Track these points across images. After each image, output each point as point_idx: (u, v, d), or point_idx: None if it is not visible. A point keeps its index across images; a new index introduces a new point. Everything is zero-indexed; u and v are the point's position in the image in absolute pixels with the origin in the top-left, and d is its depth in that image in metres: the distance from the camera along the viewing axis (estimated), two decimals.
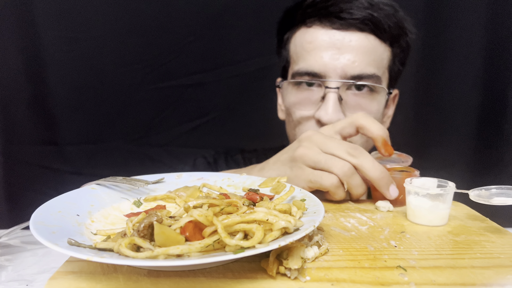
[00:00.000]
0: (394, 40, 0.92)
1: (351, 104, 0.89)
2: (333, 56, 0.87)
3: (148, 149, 1.35)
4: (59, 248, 0.40)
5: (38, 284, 0.54)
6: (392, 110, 1.04)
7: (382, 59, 0.90)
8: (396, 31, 0.91)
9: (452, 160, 1.30)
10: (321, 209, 0.53)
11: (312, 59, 0.89)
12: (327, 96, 0.87)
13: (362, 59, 0.87)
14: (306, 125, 0.92)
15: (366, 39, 0.88)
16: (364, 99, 0.90)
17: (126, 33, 1.25)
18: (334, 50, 0.87)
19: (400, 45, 0.94)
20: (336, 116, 0.86)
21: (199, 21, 1.27)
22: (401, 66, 0.98)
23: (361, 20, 0.86)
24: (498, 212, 0.68)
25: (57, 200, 0.56)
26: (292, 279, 0.44)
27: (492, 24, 1.24)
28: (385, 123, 1.03)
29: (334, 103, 0.86)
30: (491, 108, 1.29)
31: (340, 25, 0.87)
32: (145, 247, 0.43)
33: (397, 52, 0.94)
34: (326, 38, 0.88)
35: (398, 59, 0.95)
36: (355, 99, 0.89)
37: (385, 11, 0.89)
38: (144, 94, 1.30)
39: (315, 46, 0.89)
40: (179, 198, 0.63)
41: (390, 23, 0.89)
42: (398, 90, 1.03)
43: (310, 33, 0.91)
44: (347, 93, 0.89)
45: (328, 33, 0.89)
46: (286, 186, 0.64)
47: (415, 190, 0.62)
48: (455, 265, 0.48)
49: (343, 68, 0.87)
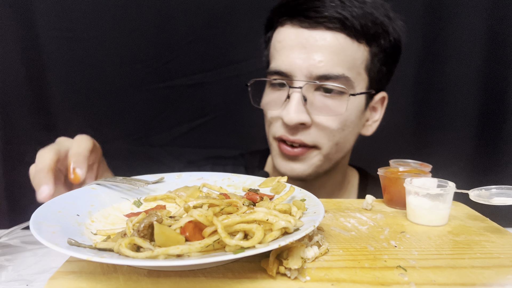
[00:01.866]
0: (371, 40, 0.87)
1: (317, 106, 0.86)
2: (299, 55, 0.85)
3: (148, 149, 1.35)
4: (59, 248, 0.40)
5: (38, 284, 0.54)
6: (380, 114, 0.99)
7: (354, 59, 0.86)
8: (374, 29, 0.86)
9: (452, 160, 1.30)
10: (321, 209, 0.53)
11: (281, 58, 0.88)
12: (291, 96, 0.85)
13: (330, 59, 0.84)
14: (275, 125, 0.90)
15: (334, 38, 0.84)
16: (332, 101, 0.86)
17: (126, 33, 1.25)
18: (301, 49, 0.85)
19: (379, 44, 0.89)
20: (297, 117, 0.83)
21: (199, 21, 1.27)
22: (384, 66, 0.92)
23: (328, 19, 0.83)
24: (498, 212, 0.68)
25: (57, 200, 0.56)
26: (292, 279, 0.44)
27: (492, 24, 1.24)
28: (370, 127, 0.99)
29: (296, 103, 0.84)
30: (491, 108, 1.29)
31: (308, 24, 0.85)
32: (145, 247, 0.43)
33: (376, 52, 0.89)
34: (294, 37, 0.86)
35: (378, 59, 0.90)
36: (322, 100, 0.86)
37: (359, 9, 0.84)
38: (144, 94, 1.30)
39: (284, 46, 0.88)
40: (179, 198, 0.63)
41: (363, 22, 0.85)
42: (387, 93, 0.98)
43: (281, 33, 0.90)
44: (314, 94, 0.87)
45: (296, 32, 0.86)
46: (286, 186, 0.64)
47: (415, 190, 0.62)
48: (455, 265, 0.48)
49: (309, 67, 0.84)
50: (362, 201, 0.71)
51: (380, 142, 1.00)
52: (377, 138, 1.02)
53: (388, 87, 0.99)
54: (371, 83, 0.92)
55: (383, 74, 0.94)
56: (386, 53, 0.91)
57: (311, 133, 0.87)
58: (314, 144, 0.88)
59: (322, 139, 0.88)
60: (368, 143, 1.02)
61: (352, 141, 0.95)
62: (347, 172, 1.07)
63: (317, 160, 0.90)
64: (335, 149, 0.90)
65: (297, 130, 0.87)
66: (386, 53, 0.91)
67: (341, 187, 1.06)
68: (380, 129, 1.00)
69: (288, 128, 0.87)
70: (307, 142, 0.87)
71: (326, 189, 1.01)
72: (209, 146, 1.33)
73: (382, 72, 0.93)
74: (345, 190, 1.07)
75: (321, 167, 0.92)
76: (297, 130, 0.87)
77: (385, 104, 0.99)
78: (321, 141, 0.88)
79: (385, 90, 0.98)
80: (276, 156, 0.94)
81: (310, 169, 0.91)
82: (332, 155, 0.91)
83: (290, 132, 0.87)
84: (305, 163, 0.90)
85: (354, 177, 1.10)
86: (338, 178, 1.03)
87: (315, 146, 0.88)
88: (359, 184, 1.09)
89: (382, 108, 0.99)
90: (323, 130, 0.87)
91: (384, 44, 0.90)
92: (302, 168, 0.90)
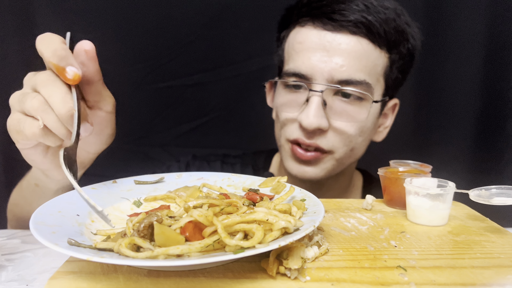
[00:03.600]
0: (392, 46, 0.87)
1: (337, 110, 0.85)
2: (321, 58, 0.83)
3: (148, 149, 1.35)
4: (59, 248, 0.40)
5: (38, 284, 0.54)
6: (390, 121, 0.99)
7: (375, 65, 0.85)
8: (395, 36, 0.86)
9: (452, 160, 1.30)
10: (321, 209, 0.53)
11: (300, 60, 0.86)
12: (310, 100, 0.83)
13: (352, 64, 0.82)
14: (290, 127, 0.89)
15: (358, 43, 0.83)
16: (352, 107, 0.85)
17: (126, 33, 1.25)
18: (323, 52, 0.83)
19: (399, 51, 0.89)
20: (317, 121, 0.82)
21: (199, 21, 1.27)
22: (400, 74, 0.92)
23: (353, 23, 0.82)
24: (498, 212, 0.68)
25: (57, 200, 0.56)
26: (292, 279, 0.44)
27: (492, 24, 1.24)
28: (381, 133, 0.99)
29: (316, 107, 0.82)
30: (491, 108, 1.29)
31: (332, 26, 0.83)
32: (145, 247, 0.43)
33: (395, 59, 0.89)
34: (316, 39, 0.84)
35: (396, 66, 0.90)
36: (342, 106, 0.85)
37: (383, 15, 0.84)
38: (144, 94, 1.30)
39: (305, 47, 0.86)
40: (179, 198, 0.63)
41: (387, 28, 0.84)
42: (399, 100, 0.98)
43: (301, 33, 0.88)
44: (333, 98, 0.85)
45: (318, 34, 0.84)
46: (286, 186, 0.64)
47: (415, 190, 0.62)
48: (455, 265, 0.48)
49: (330, 71, 0.82)
50: (362, 201, 0.71)
51: (380, 142, 1.00)
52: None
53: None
54: (387, 90, 0.91)
55: (399, 81, 0.94)
56: (404, 60, 0.91)
57: (327, 137, 0.86)
58: (330, 149, 0.87)
59: (338, 144, 0.87)
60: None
61: (365, 147, 0.94)
62: (352, 175, 1.08)
63: (330, 165, 0.89)
64: (349, 154, 0.90)
65: (314, 134, 0.85)
66: (404, 60, 0.91)
67: (346, 190, 1.05)
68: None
69: (305, 132, 0.85)
70: (323, 147, 0.86)
71: (333, 192, 1.00)
72: (209, 146, 1.33)
73: (398, 79, 0.93)
74: (350, 193, 1.07)
75: (334, 171, 0.91)
76: (314, 134, 0.85)
77: (396, 110, 0.99)
78: (337, 145, 0.87)
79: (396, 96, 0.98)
80: (287, 159, 0.92)
81: (323, 173, 0.90)
82: (345, 160, 0.91)
83: (307, 136, 0.86)
84: (318, 167, 0.89)
85: (358, 180, 1.10)
86: (345, 182, 1.03)
87: (330, 151, 0.87)
88: (363, 187, 1.09)
89: (393, 115, 0.99)
90: (340, 135, 0.86)
91: (403, 52, 0.89)
92: (314, 171, 0.89)
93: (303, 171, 0.89)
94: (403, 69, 0.92)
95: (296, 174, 0.90)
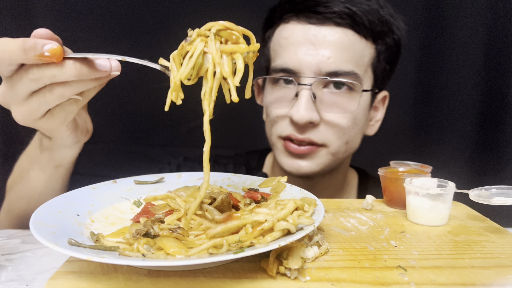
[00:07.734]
0: (378, 37, 0.87)
1: (327, 103, 0.85)
2: (307, 51, 0.83)
3: (148, 149, 1.35)
4: (59, 248, 0.40)
5: (38, 284, 0.54)
6: (381, 114, 0.99)
7: (362, 56, 0.85)
8: (380, 27, 0.86)
9: (452, 160, 1.30)
10: (321, 209, 0.53)
11: (287, 55, 0.86)
12: (300, 94, 0.84)
13: (339, 55, 0.82)
14: (282, 124, 0.89)
15: (344, 34, 0.83)
16: (342, 98, 0.85)
17: (126, 33, 1.25)
18: (309, 46, 0.83)
19: (385, 42, 0.89)
20: (308, 115, 0.82)
21: (199, 21, 1.27)
22: (388, 65, 0.93)
23: (337, 14, 0.82)
24: (498, 212, 0.68)
25: (57, 200, 0.56)
26: (292, 279, 0.44)
27: (492, 24, 1.24)
28: (373, 126, 0.99)
29: (306, 101, 0.82)
30: (491, 108, 1.29)
31: (316, 19, 0.83)
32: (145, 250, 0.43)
33: (382, 50, 0.89)
34: (301, 33, 0.84)
35: (383, 57, 0.90)
36: (332, 98, 0.85)
37: (367, 6, 0.84)
38: (144, 94, 1.30)
39: (290, 42, 0.86)
40: (179, 198, 0.63)
41: (371, 18, 0.84)
42: (388, 92, 0.98)
43: (286, 29, 0.88)
44: (323, 91, 0.85)
45: (303, 28, 0.84)
46: (286, 186, 0.64)
47: (415, 190, 0.62)
48: (455, 265, 0.48)
49: (318, 64, 0.83)
50: (362, 201, 0.71)
51: (380, 142, 1.00)
52: (377, 138, 1.02)
53: (388, 87, 0.99)
54: (376, 82, 0.92)
55: (387, 72, 0.94)
56: (390, 51, 0.91)
57: (320, 131, 0.86)
58: (323, 143, 0.87)
59: (331, 137, 0.87)
60: (368, 143, 1.02)
61: (359, 141, 0.94)
62: (347, 173, 1.07)
63: (325, 159, 0.89)
64: (345, 148, 0.90)
65: (306, 129, 0.85)
66: (390, 51, 0.91)
67: (341, 189, 1.05)
68: (380, 129, 1.00)
69: (297, 126, 0.85)
70: (316, 140, 0.86)
71: (328, 190, 1.00)
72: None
73: (386, 70, 0.93)
74: (345, 191, 1.06)
75: (329, 166, 0.91)
76: (306, 128, 0.85)
77: (386, 103, 0.99)
78: (330, 139, 0.87)
79: (385, 89, 0.98)
80: (280, 154, 0.92)
81: (318, 168, 0.89)
82: (341, 154, 0.91)
83: (298, 131, 0.86)
84: (313, 161, 0.88)
85: (353, 178, 1.10)
86: (340, 180, 1.03)
87: (323, 144, 0.87)
88: (358, 185, 1.09)
89: (383, 107, 0.99)
90: (333, 127, 0.86)
91: (389, 43, 0.90)
92: (309, 166, 0.88)
93: (298, 166, 0.89)
94: (390, 60, 0.93)
95: (291, 170, 0.89)
